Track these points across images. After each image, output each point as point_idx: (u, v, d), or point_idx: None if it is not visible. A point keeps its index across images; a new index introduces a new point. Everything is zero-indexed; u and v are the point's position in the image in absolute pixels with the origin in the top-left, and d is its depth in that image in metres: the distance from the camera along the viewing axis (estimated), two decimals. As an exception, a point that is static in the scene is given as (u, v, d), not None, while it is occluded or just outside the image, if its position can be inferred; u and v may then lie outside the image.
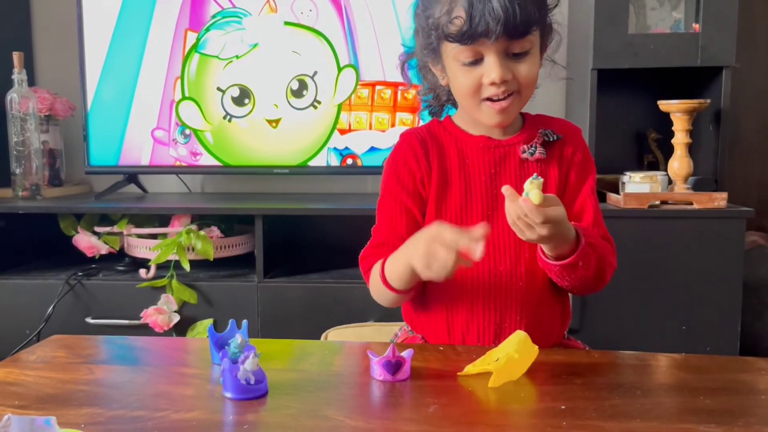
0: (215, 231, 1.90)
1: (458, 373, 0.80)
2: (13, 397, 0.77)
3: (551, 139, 1.01)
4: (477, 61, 0.94)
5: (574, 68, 1.99)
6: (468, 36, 0.91)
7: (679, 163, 1.76)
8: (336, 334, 1.32)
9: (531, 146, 1.01)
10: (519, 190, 0.89)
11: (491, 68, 0.93)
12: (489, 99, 0.96)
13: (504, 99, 0.95)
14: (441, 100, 1.10)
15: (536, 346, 0.81)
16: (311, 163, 2.03)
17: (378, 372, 0.80)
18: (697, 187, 1.78)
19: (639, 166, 2.06)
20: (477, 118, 1.00)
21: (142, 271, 1.88)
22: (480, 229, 0.83)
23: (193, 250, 1.86)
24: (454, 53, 0.95)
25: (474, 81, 0.95)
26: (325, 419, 0.71)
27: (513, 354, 0.77)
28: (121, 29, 2.03)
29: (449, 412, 0.72)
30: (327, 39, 2.00)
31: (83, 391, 0.79)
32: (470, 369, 0.80)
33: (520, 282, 0.99)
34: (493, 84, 0.93)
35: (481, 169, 1.02)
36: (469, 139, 1.03)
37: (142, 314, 1.81)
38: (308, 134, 2.02)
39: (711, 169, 1.86)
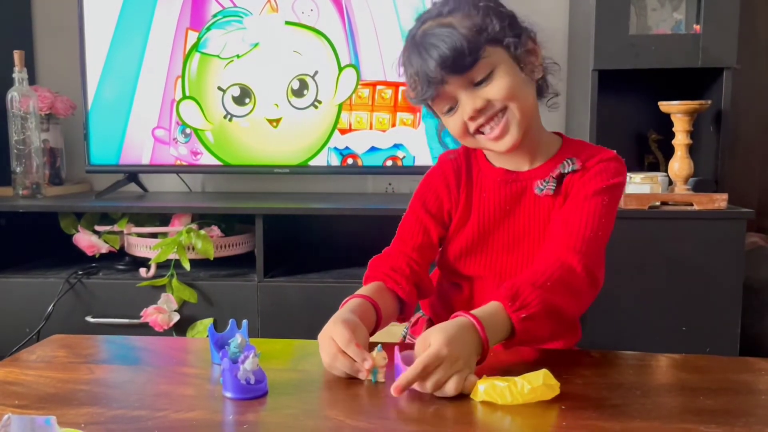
0: (215, 230, 1.90)
1: (471, 396, 0.77)
2: (13, 397, 0.77)
3: (567, 171, 0.99)
4: (454, 107, 0.96)
5: (574, 69, 1.99)
6: (425, 97, 0.96)
7: (679, 164, 1.76)
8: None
9: (545, 181, 1.00)
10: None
11: (463, 106, 0.94)
12: (480, 132, 0.96)
13: (494, 125, 0.95)
14: None
15: (557, 389, 0.76)
16: (312, 163, 2.03)
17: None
18: (697, 188, 1.78)
19: (639, 166, 2.05)
20: (486, 151, 1.02)
21: (143, 270, 1.88)
22: (368, 360, 0.80)
23: (193, 249, 1.86)
24: (434, 108, 0.99)
25: (459, 124, 0.96)
26: (326, 419, 0.71)
27: (526, 385, 0.74)
28: (122, 28, 2.03)
29: (449, 412, 0.72)
30: (328, 39, 2.00)
31: (83, 391, 0.79)
32: (483, 395, 0.75)
33: None
34: (471, 118, 0.94)
35: (498, 205, 1.02)
36: (489, 172, 1.04)
37: (142, 313, 1.81)
38: (309, 134, 2.03)
39: (711, 170, 1.86)
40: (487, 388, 0.74)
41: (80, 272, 1.88)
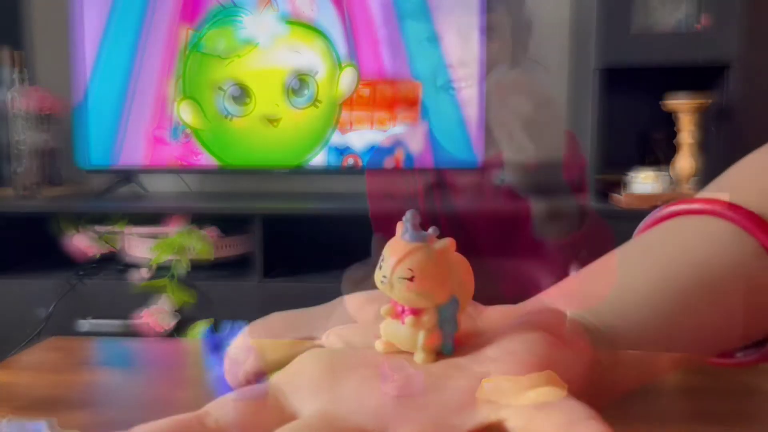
0: (214, 231, 1.89)
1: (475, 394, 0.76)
2: (9, 400, 0.76)
3: None
4: None
5: (576, 66, 1.98)
6: None
7: (683, 163, 1.75)
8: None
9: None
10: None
11: None
12: None
13: None
14: None
15: (564, 392, 0.76)
16: (311, 163, 2.02)
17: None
18: (701, 187, 1.77)
19: (643, 165, 2.04)
20: None
21: (142, 271, 1.87)
22: None
23: (192, 250, 1.85)
24: None
25: None
26: (327, 422, 0.70)
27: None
28: (118, 27, 2.03)
29: (453, 414, 0.71)
30: (327, 37, 1.99)
31: (81, 394, 0.78)
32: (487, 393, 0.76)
33: None
34: None
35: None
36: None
37: (141, 314, 1.80)
38: (308, 133, 2.01)
39: (715, 168, 1.85)
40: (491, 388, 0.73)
41: (79, 273, 1.87)
